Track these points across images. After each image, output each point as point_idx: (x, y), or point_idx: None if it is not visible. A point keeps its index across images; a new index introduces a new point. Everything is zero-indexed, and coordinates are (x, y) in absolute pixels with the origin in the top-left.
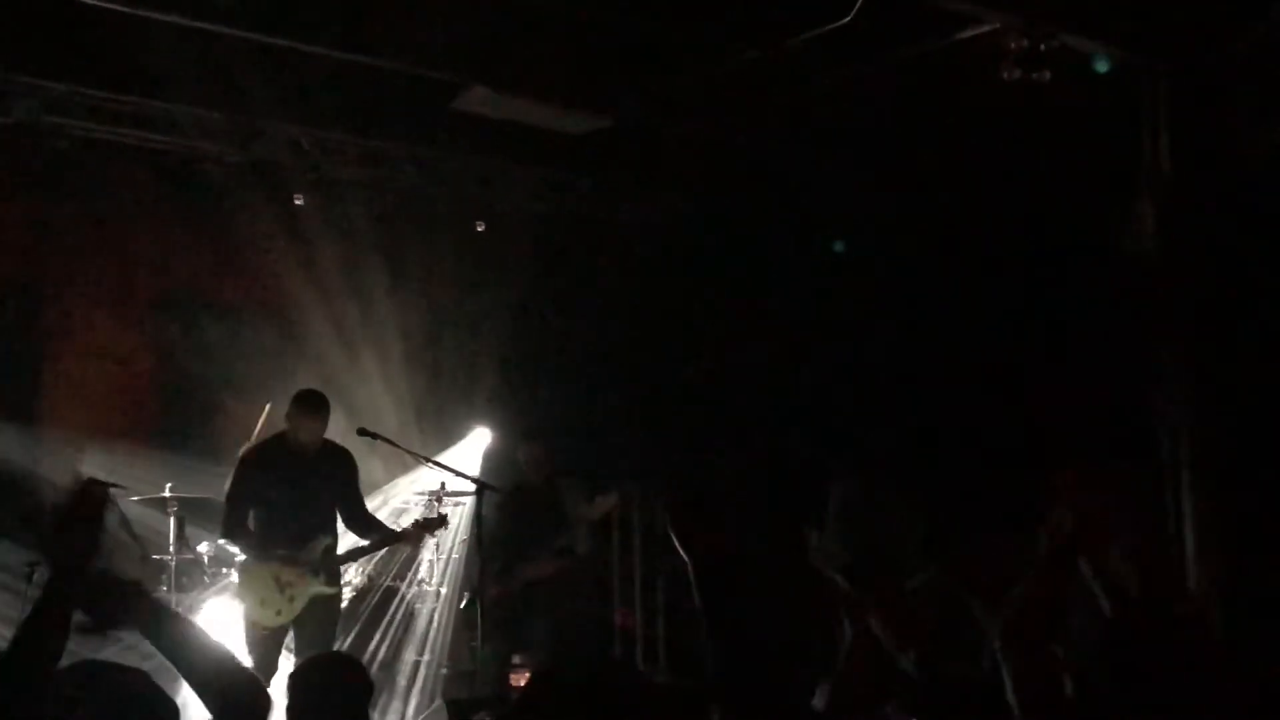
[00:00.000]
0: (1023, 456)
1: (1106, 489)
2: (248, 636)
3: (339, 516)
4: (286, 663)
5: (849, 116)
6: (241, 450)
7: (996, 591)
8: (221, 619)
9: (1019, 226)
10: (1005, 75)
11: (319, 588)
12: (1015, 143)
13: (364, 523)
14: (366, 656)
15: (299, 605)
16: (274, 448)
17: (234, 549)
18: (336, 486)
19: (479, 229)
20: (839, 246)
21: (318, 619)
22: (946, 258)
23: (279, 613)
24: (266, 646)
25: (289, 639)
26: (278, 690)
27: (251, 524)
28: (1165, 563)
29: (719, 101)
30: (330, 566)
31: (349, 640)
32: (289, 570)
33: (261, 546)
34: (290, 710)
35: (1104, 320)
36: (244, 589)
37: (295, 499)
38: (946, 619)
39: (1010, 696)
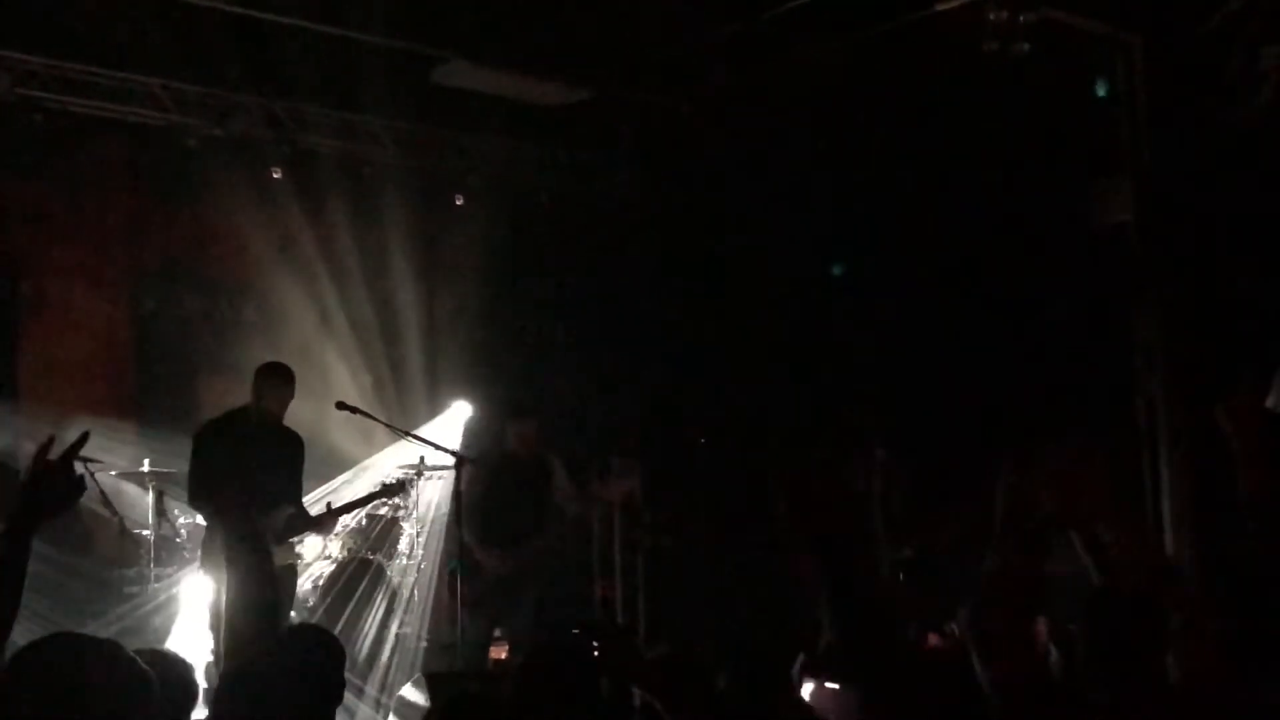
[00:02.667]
0: (1001, 429)
1: (1089, 464)
2: (213, 612)
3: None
4: None
5: (829, 88)
6: (203, 421)
7: (976, 565)
8: (201, 592)
9: (997, 200)
10: (984, 48)
11: (284, 558)
12: (993, 116)
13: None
14: (345, 628)
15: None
16: (236, 419)
17: (200, 519)
18: (291, 464)
19: (458, 202)
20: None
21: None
22: (923, 231)
23: None
24: None
25: None
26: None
27: (211, 494)
28: (1146, 540)
29: (698, 74)
30: (289, 537)
31: (328, 612)
32: None
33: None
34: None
35: (1081, 293)
36: (210, 562)
37: (253, 470)
38: (926, 593)
39: (979, 672)
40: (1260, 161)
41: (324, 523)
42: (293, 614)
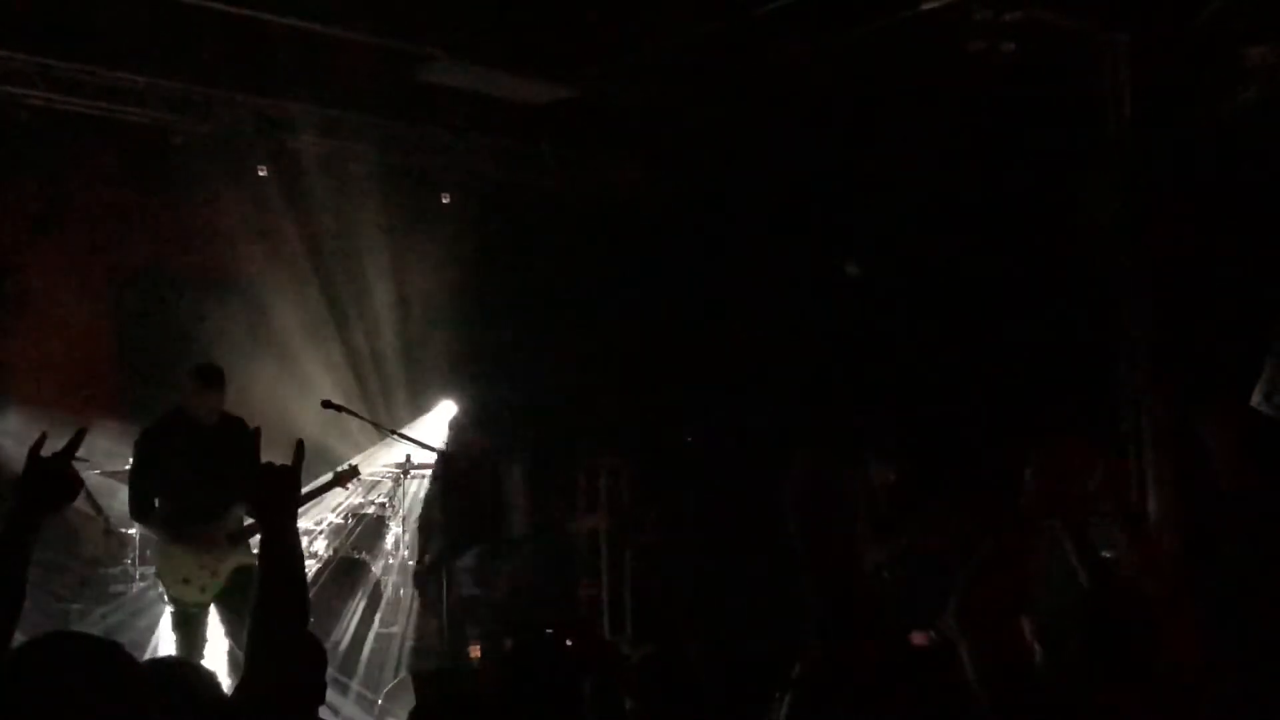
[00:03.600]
0: (989, 426)
1: (1084, 463)
2: (174, 616)
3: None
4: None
5: (813, 87)
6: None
7: (961, 560)
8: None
9: (982, 199)
10: (970, 47)
11: (240, 559)
12: (978, 113)
13: None
14: (330, 627)
15: (222, 580)
16: (173, 423)
17: (147, 530)
18: (238, 458)
19: (444, 200)
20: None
21: (242, 591)
22: (910, 229)
23: (203, 589)
24: (193, 625)
25: (214, 615)
26: (212, 666)
27: (160, 502)
28: (1141, 539)
29: (684, 72)
30: (249, 536)
31: (312, 611)
32: (207, 545)
33: (174, 524)
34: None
35: (1066, 291)
36: (164, 569)
37: (201, 473)
38: (910, 590)
39: (968, 668)
40: (1246, 160)
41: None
42: None
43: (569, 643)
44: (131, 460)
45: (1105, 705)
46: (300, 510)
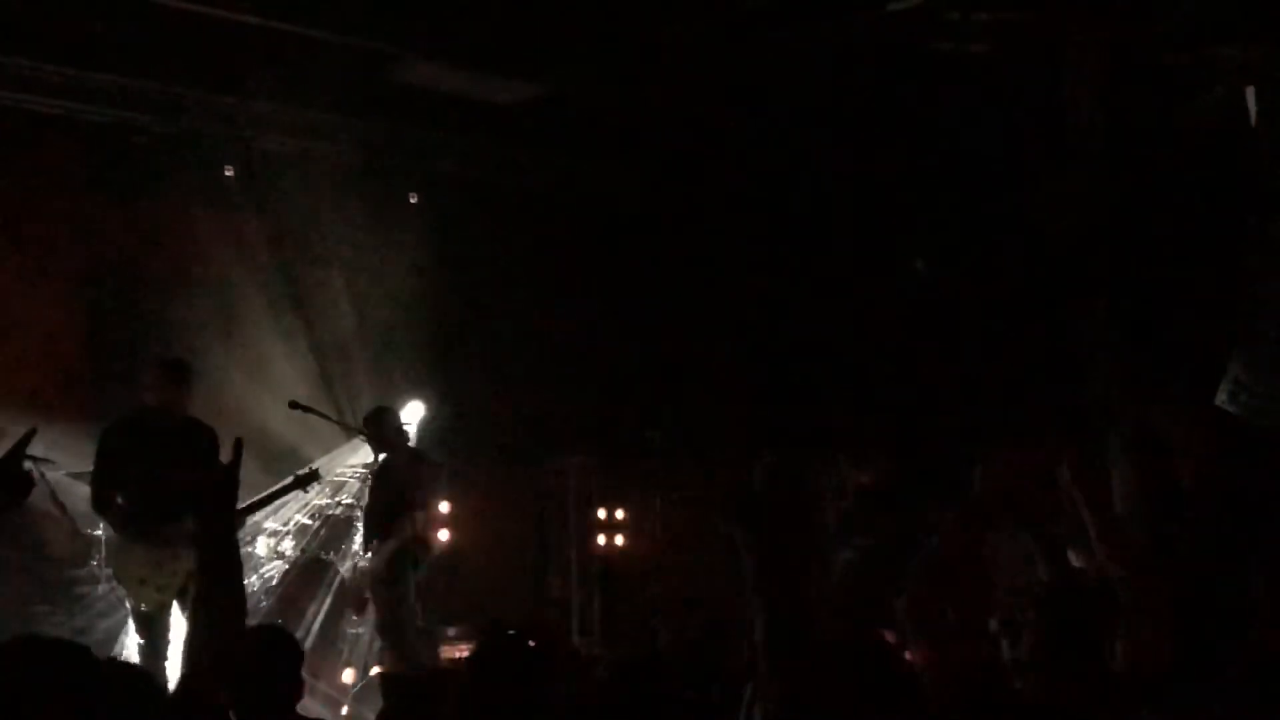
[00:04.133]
0: (964, 429)
1: (1034, 464)
2: (134, 618)
3: None
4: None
5: (784, 87)
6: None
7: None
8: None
9: (949, 201)
10: (939, 48)
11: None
12: (945, 116)
13: None
14: (301, 629)
15: (180, 580)
16: (138, 420)
17: (106, 524)
18: (198, 461)
19: (413, 200)
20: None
21: None
22: (882, 231)
23: (160, 589)
24: (154, 625)
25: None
26: (178, 667)
27: (120, 498)
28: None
29: (658, 71)
30: None
31: (280, 612)
32: (163, 546)
33: (132, 522)
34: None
35: (1032, 292)
36: (121, 569)
37: (161, 472)
38: (876, 590)
39: (916, 662)
40: (1213, 160)
41: (251, 511)
42: None
43: (532, 644)
44: (95, 454)
45: (1065, 700)
46: (261, 511)
